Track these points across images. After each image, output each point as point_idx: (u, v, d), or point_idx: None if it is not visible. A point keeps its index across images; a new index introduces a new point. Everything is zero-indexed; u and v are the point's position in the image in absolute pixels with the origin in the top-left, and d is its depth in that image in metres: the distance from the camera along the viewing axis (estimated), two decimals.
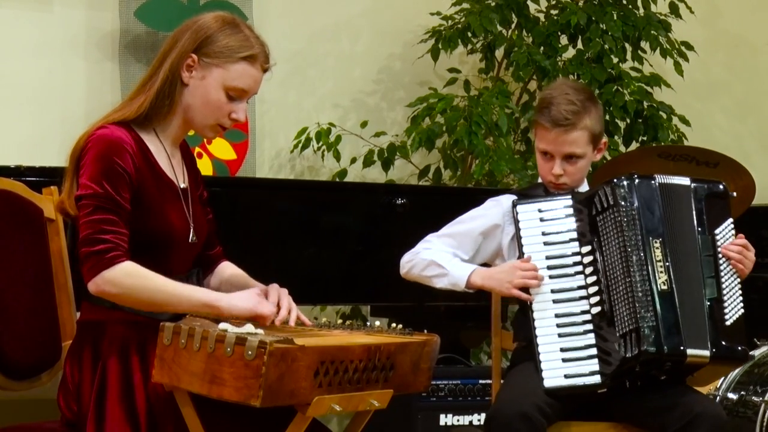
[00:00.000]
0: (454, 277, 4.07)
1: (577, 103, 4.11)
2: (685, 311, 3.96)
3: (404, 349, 3.53)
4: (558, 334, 3.99)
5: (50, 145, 6.28)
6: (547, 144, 4.14)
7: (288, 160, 6.98)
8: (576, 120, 4.10)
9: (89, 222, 3.39)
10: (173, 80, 3.55)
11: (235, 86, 3.56)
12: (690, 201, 4.08)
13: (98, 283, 3.37)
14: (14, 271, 3.68)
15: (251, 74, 3.58)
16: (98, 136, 3.48)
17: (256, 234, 3.83)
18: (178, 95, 3.57)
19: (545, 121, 4.13)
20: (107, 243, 3.37)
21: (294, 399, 3.24)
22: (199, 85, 3.56)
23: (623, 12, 6.88)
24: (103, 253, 3.37)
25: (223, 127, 3.62)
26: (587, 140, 4.14)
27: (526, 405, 3.85)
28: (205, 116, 3.58)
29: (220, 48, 3.55)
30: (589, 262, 4.01)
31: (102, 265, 3.37)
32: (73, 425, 3.48)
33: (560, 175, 4.14)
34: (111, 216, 3.40)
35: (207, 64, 3.55)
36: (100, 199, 3.40)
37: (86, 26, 6.63)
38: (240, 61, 3.56)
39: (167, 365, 3.27)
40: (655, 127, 6.83)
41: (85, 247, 3.38)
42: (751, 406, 5.33)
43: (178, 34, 3.60)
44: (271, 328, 3.41)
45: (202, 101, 3.57)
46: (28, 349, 3.68)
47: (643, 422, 4.01)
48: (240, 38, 3.57)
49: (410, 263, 4.15)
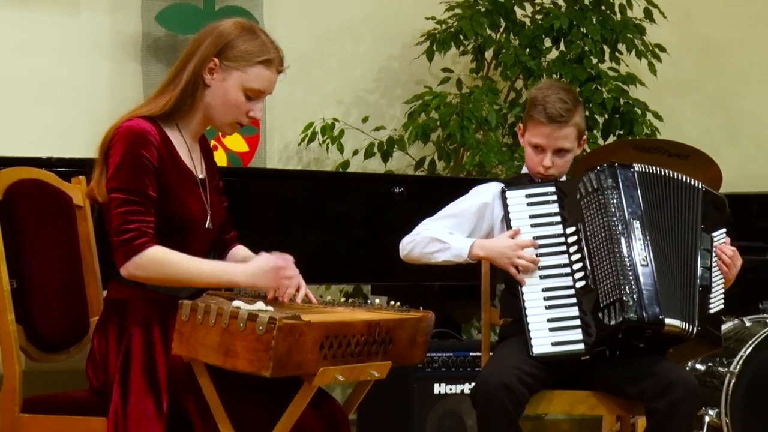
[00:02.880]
0: (456, 249, 4.07)
1: (569, 101, 4.13)
2: (667, 285, 3.97)
3: (402, 324, 3.53)
4: (545, 306, 3.99)
5: (78, 138, 6.27)
6: (541, 138, 4.14)
7: (296, 152, 6.98)
8: (569, 117, 4.12)
9: (118, 213, 3.40)
10: (196, 81, 3.55)
11: (252, 87, 3.56)
12: (698, 199, 4.09)
13: (129, 269, 3.39)
14: (46, 254, 3.68)
15: (267, 76, 3.59)
16: (125, 128, 3.48)
17: (266, 220, 3.83)
18: (200, 95, 3.57)
19: (542, 117, 4.13)
20: (134, 231, 3.38)
21: (301, 370, 3.24)
22: (220, 86, 3.56)
23: (602, 17, 6.89)
24: (131, 240, 3.38)
25: (241, 124, 3.63)
26: (576, 136, 4.16)
27: (509, 377, 3.86)
28: (225, 114, 3.59)
29: (239, 52, 3.55)
30: (573, 242, 4.01)
31: (131, 252, 3.38)
32: (99, 393, 3.48)
33: (550, 167, 4.15)
34: (137, 206, 3.41)
35: (227, 67, 3.55)
36: (128, 192, 3.41)
37: (111, 29, 6.64)
38: (257, 64, 3.56)
39: (185, 339, 3.27)
40: (631, 122, 6.84)
41: (116, 237, 3.40)
42: (717, 376, 5.34)
43: (200, 39, 3.59)
44: (279, 305, 3.42)
45: (223, 101, 3.57)
46: (59, 324, 3.68)
47: (622, 390, 4.01)
48: (257, 44, 3.57)
49: (411, 244, 4.15)
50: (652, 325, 3.92)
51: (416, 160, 6.97)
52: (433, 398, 5.39)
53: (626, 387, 3.99)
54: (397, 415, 5.40)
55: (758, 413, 5.29)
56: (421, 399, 5.37)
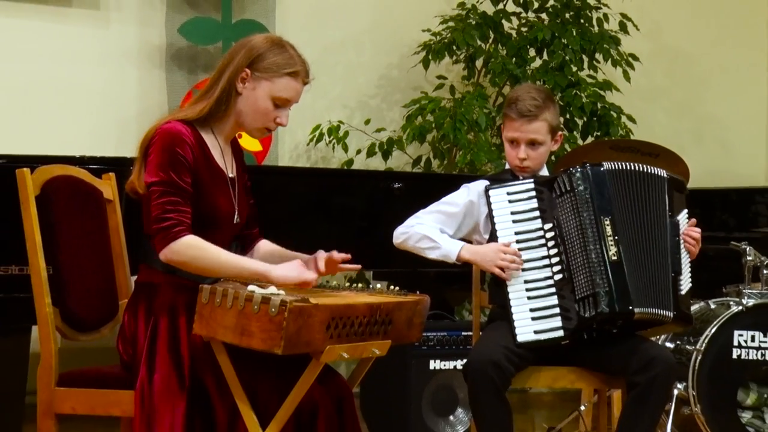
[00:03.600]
0: (445, 251, 4.06)
1: (538, 99, 4.13)
2: (640, 276, 3.95)
3: (400, 307, 3.53)
4: (527, 297, 3.97)
5: (108, 138, 6.30)
6: (514, 132, 4.14)
7: (304, 151, 6.99)
8: (538, 112, 4.10)
9: (158, 204, 3.40)
10: (229, 90, 3.55)
11: (280, 96, 3.56)
12: (664, 187, 4.08)
13: (167, 254, 3.39)
14: (79, 243, 3.68)
15: (294, 87, 3.58)
16: (164, 129, 3.48)
17: (278, 213, 3.83)
18: (233, 102, 3.56)
19: (513, 113, 4.13)
20: (172, 220, 3.39)
21: (309, 348, 3.24)
22: (251, 94, 3.56)
23: (581, 29, 6.89)
24: (169, 228, 3.38)
25: (269, 130, 3.64)
26: (547, 130, 4.14)
27: (497, 355, 3.85)
28: (255, 120, 3.58)
29: (268, 64, 3.54)
30: (551, 237, 4.00)
31: (169, 238, 3.38)
32: (128, 367, 3.48)
33: (524, 159, 4.14)
34: (175, 198, 3.41)
35: (258, 78, 3.54)
36: (166, 185, 3.41)
37: (138, 41, 6.64)
38: (285, 75, 3.56)
39: (205, 320, 3.27)
40: (607, 124, 6.84)
41: (155, 225, 3.40)
42: (685, 353, 5.34)
43: (234, 52, 3.59)
44: (291, 289, 3.41)
45: (253, 108, 3.57)
46: (91, 306, 3.68)
47: (606, 366, 4.01)
48: (285, 57, 3.57)
49: (405, 235, 4.14)
50: (623, 315, 3.92)
51: (413, 158, 6.97)
52: (428, 373, 5.38)
53: (609, 363, 3.99)
54: (396, 389, 5.40)
55: (721, 386, 5.29)
56: (418, 374, 5.36)
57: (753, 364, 5.33)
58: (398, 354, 4.69)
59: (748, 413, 5.40)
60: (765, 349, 5.32)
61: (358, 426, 3.57)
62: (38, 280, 3.50)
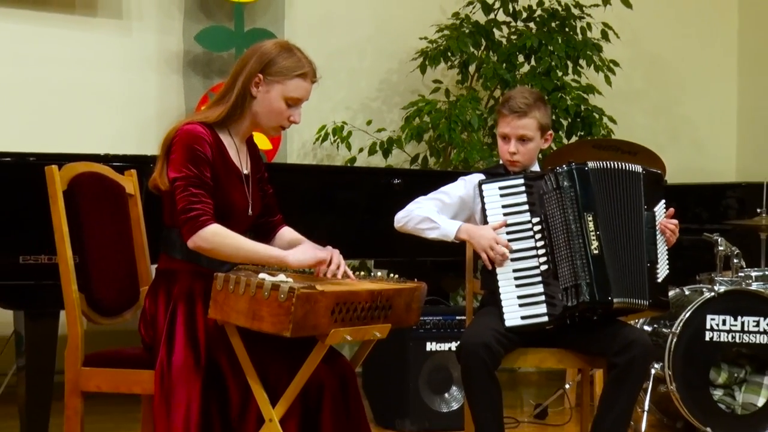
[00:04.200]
0: (444, 230, 4.06)
1: (529, 98, 4.13)
2: (618, 268, 3.96)
3: (400, 293, 3.53)
4: (515, 285, 3.97)
5: (130, 138, 6.30)
6: (505, 127, 4.14)
7: (311, 149, 6.98)
8: (528, 110, 4.10)
9: (183, 197, 3.40)
10: (244, 95, 3.55)
11: (292, 96, 3.56)
12: (640, 184, 4.07)
13: (195, 241, 3.39)
14: (103, 234, 3.68)
15: (304, 87, 3.58)
16: (185, 130, 3.48)
17: (287, 206, 3.83)
18: (248, 105, 3.56)
19: (505, 110, 4.14)
20: (198, 211, 3.39)
21: (315, 331, 3.24)
22: (265, 97, 3.55)
23: (566, 37, 6.88)
24: (196, 218, 3.38)
25: (283, 128, 3.64)
26: (536, 127, 4.13)
27: (487, 337, 3.86)
28: (270, 120, 3.58)
29: (279, 69, 3.54)
30: (538, 230, 3.99)
31: (196, 227, 3.38)
32: (149, 348, 3.48)
33: (515, 153, 4.13)
34: (199, 191, 3.41)
35: (270, 81, 3.54)
36: (190, 179, 3.41)
37: (157, 48, 6.64)
38: (295, 77, 3.55)
39: (219, 305, 3.27)
40: (590, 125, 6.84)
41: (182, 215, 3.40)
42: (662, 336, 5.34)
43: (246, 58, 3.58)
44: (300, 277, 3.41)
45: (267, 109, 3.56)
46: (114, 292, 3.68)
47: (588, 348, 4.01)
48: (294, 60, 3.57)
49: (405, 218, 4.13)
50: (603, 305, 3.93)
51: (411, 156, 6.96)
52: (425, 354, 5.38)
53: (591, 346, 4.00)
54: (395, 369, 5.40)
55: (694, 366, 5.29)
56: (416, 355, 5.36)
57: (724, 345, 5.33)
58: (397, 336, 4.69)
59: (720, 391, 5.40)
60: (735, 332, 5.32)
61: (360, 403, 3.56)
62: (66, 269, 3.50)
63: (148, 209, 3.87)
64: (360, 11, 7.13)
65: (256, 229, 3.69)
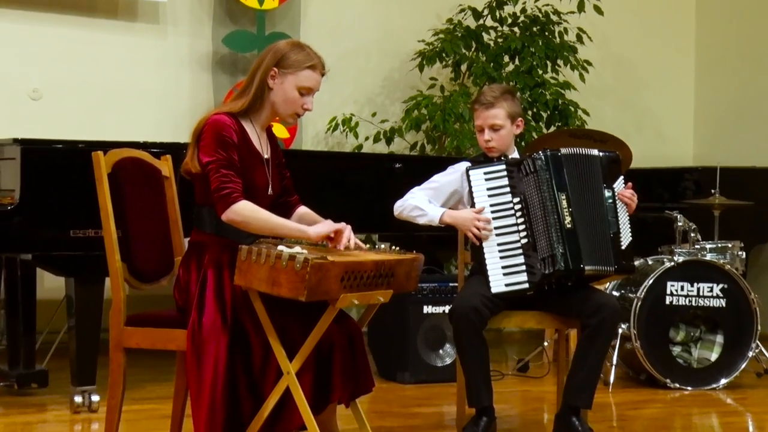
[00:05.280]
0: (430, 216, 4.06)
1: (496, 92, 4.12)
2: (588, 240, 3.96)
3: (401, 263, 3.51)
4: (500, 257, 3.97)
5: (166, 128, 6.28)
6: (478, 119, 4.14)
7: (323, 138, 6.96)
8: (495, 101, 4.09)
9: (216, 178, 3.39)
10: (263, 87, 3.53)
11: (304, 86, 3.54)
12: (598, 165, 4.06)
13: (228, 215, 3.38)
14: (142, 211, 3.66)
15: (314, 77, 3.56)
16: (213, 119, 3.46)
17: (303, 188, 3.81)
18: (266, 96, 3.54)
19: (477, 105, 4.14)
20: (230, 189, 3.38)
21: (327, 296, 3.23)
22: (280, 88, 3.53)
23: (546, 40, 6.86)
24: (228, 195, 3.37)
25: (299, 115, 3.61)
26: (505, 116, 4.10)
27: (476, 301, 3.86)
28: (286, 108, 3.56)
29: (291, 62, 3.52)
30: (519, 209, 3.98)
31: (229, 202, 3.37)
32: (182, 311, 3.47)
33: (489, 140, 4.12)
34: (229, 171, 3.40)
35: (284, 73, 3.52)
36: (220, 162, 3.40)
37: (190, 49, 6.62)
38: (306, 69, 3.53)
39: (243, 273, 3.26)
40: (567, 117, 6.82)
41: (216, 194, 3.39)
42: (628, 300, 5.34)
43: (263, 56, 3.57)
44: (313, 249, 3.40)
45: (283, 99, 3.54)
46: (152, 262, 3.66)
47: (564, 311, 4.02)
48: (304, 54, 3.55)
49: (401, 208, 4.14)
50: (576, 272, 3.94)
51: (411, 144, 6.94)
52: (422, 316, 5.38)
53: (567, 309, 4.01)
54: (396, 329, 5.39)
55: (656, 327, 5.30)
56: (414, 317, 5.36)
57: (682, 308, 5.34)
58: (398, 301, 4.69)
59: (678, 348, 5.41)
60: (692, 297, 5.33)
61: (366, 358, 3.56)
62: (110, 241, 3.49)
63: (182, 189, 3.86)
64: (366, 18, 7.10)
65: (277, 208, 3.68)
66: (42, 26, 6.21)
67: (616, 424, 4.53)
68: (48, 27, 6.23)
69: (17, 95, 6.17)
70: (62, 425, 4.36)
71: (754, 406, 5.01)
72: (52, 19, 6.24)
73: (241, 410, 3.33)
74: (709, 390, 5.27)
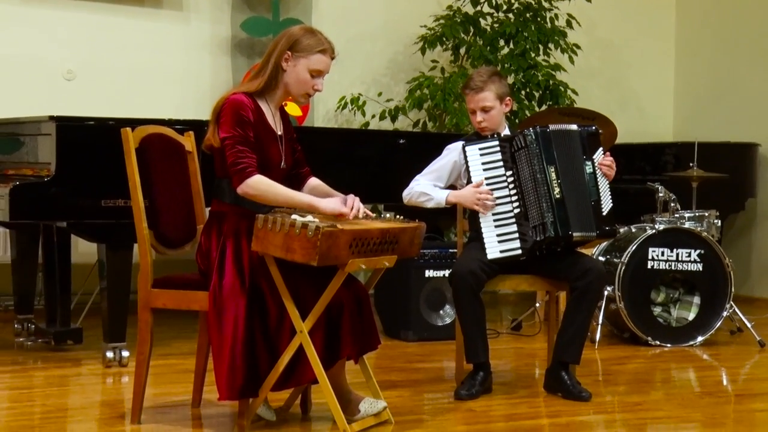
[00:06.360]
0: (437, 200, 4.05)
1: (483, 76, 4.09)
2: (574, 209, 3.96)
3: (404, 231, 3.50)
4: (494, 225, 3.98)
5: (188, 106, 6.26)
6: (470, 103, 4.12)
7: (333, 116, 6.94)
8: (483, 85, 4.06)
9: (232, 153, 3.37)
10: (277, 69, 3.51)
11: (315, 68, 3.51)
12: (578, 139, 4.05)
13: (243, 188, 3.36)
14: (168, 184, 3.65)
15: (325, 60, 3.53)
16: (232, 99, 3.44)
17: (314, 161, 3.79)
18: (280, 77, 3.52)
19: (467, 89, 4.13)
20: (245, 164, 3.36)
21: (337, 261, 3.22)
22: (293, 70, 3.51)
23: (538, 25, 6.82)
24: (244, 169, 3.36)
25: (310, 95, 3.58)
26: (494, 97, 4.08)
27: (474, 266, 3.87)
28: (299, 89, 3.53)
29: (304, 46, 3.50)
30: (511, 181, 3.98)
31: (244, 176, 3.36)
32: (204, 274, 3.46)
33: (482, 121, 4.10)
34: (245, 147, 3.38)
35: (297, 56, 3.50)
36: (237, 138, 3.38)
37: (211, 34, 6.60)
38: (317, 53, 3.51)
39: (260, 239, 3.25)
40: (557, 96, 6.79)
41: (232, 168, 3.37)
42: (613, 265, 5.33)
43: (277, 40, 3.55)
44: (324, 218, 3.38)
45: (296, 80, 3.52)
46: (177, 229, 3.65)
47: (553, 274, 4.03)
48: (316, 39, 3.52)
49: (408, 195, 4.13)
50: (564, 239, 3.94)
51: (414, 121, 6.92)
52: (424, 280, 5.37)
53: (557, 273, 4.01)
54: (400, 291, 5.39)
55: (639, 289, 5.29)
56: (417, 280, 5.35)
57: (663, 272, 5.33)
58: (402, 265, 4.66)
59: (659, 308, 5.40)
60: (671, 262, 5.32)
61: (372, 319, 3.55)
62: (138, 210, 3.48)
63: (203, 163, 3.84)
64: (373, 5, 7.07)
65: (290, 180, 3.65)
66: (76, 12, 6.20)
67: (601, 378, 4.53)
68: (82, 13, 6.21)
69: (53, 76, 6.16)
70: (95, 378, 4.37)
71: (727, 361, 5.01)
72: (86, 7, 6.22)
73: (258, 365, 3.33)
74: (686, 347, 5.27)
